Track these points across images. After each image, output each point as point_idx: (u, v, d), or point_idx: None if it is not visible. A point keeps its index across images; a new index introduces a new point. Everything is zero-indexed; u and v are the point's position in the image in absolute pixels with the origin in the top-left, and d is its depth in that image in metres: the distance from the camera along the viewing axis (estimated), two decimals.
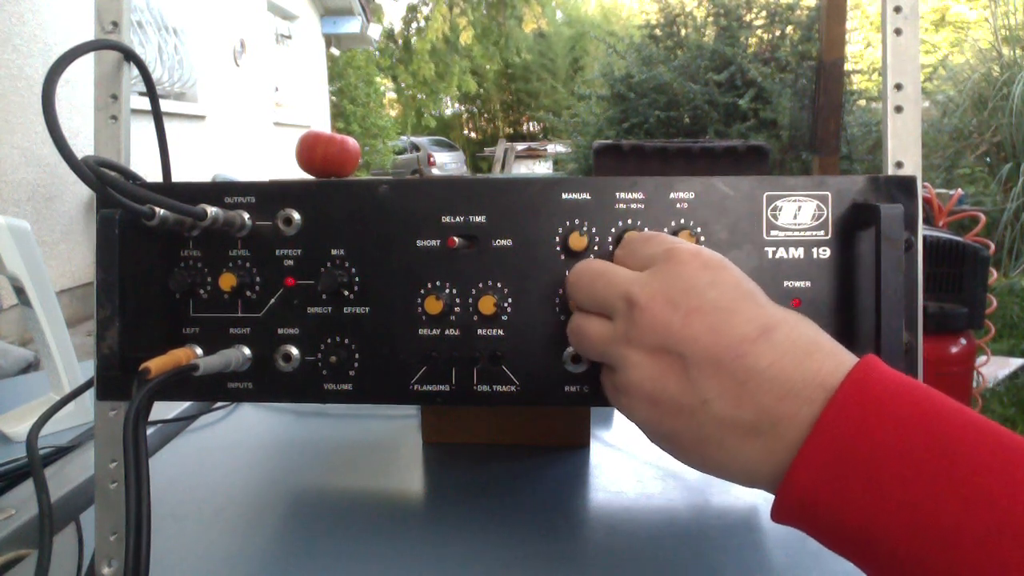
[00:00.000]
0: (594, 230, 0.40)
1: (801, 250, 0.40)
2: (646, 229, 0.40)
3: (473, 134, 21.78)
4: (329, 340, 0.41)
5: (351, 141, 0.70)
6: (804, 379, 0.29)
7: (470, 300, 0.40)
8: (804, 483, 0.28)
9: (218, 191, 0.41)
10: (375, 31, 10.82)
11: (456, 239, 0.40)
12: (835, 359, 0.30)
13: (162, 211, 0.37)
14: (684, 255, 0.33)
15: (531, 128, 20.90)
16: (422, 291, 0.41)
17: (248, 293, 0.41)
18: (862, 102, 6.50)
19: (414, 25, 17.76)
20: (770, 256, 0.40)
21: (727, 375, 0.30)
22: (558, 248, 0.40)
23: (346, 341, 0.41)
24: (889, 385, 0.28)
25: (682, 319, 0.31)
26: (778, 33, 6.97)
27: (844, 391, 0.28)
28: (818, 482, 0.27)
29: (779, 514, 0.30)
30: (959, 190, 1.76)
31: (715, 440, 0.31)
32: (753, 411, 0.30)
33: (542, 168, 13.19)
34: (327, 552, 0.47)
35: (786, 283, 0.40)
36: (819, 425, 0.28)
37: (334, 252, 0.41)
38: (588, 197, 0.40)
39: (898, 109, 0.41)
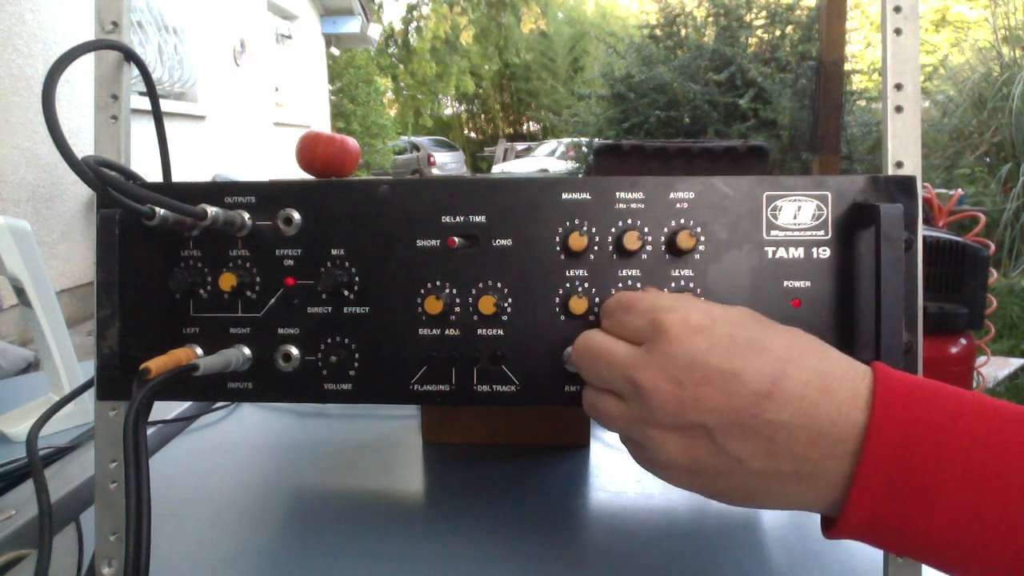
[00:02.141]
0: (594, 230, 0.40)
1: (801, 250, 0.40)
2: (646, 229, 0.40)
3: (473, 134, 21.77)
4: (329, 340, 0.41)
5: (351, 141, 0.70)
6: (829, 418, 0.30)
7: (470, 300, 0.40)
8: (863, 513, 0.29)
9: (218, 191, 0.41)
10: (375, 31, 10.81)
11: (456, 239, 0.40)
12: (850, 386, 0.30)
13: (162, 211, 0.37)
14: (673, 329, 0.32)
15: (531, 128, 20.90)
16: (422, 291, 0.41)
17: (248, 293, 0.41)
18: (862, 102, 6.51)
19: (413, 25, 17.76)
20: (770, 256, 0.40)
21: (753, 434, 0.31)
22: (558, 248, 0.40)
23: (346, 341, 0.41)
24: (909, 397, 0.29)
25: (692, 395, 0.31)
26: (778, 33, 6.97)
27: (875, 420, 0.29)
28: (877, 508, 0.29)
29: (838, 536, 0.31)
30: (959, 190, 1.76)
31: (762, 490, 0.32)
32: (790, 461, 0.30)
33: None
34: (327, 552, 0.47)
35: (786, 283, 0.40)
36: (864, 458, 0.28)
37: (334, 252, 0.41)
38: (588, 197, 0.40)
39: (898, 109, 0.41)
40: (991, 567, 0.28)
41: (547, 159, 12.40)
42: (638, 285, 0.40)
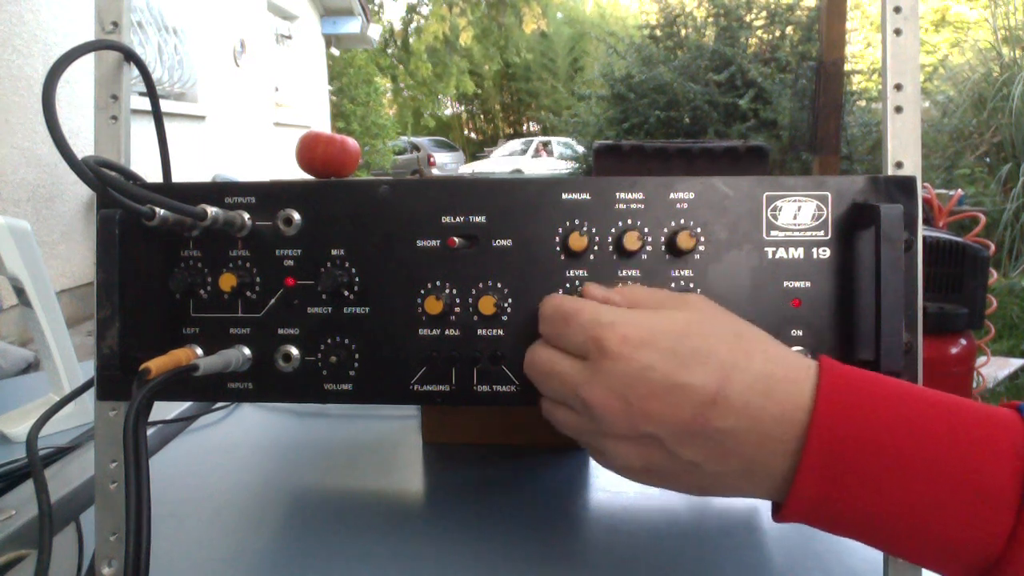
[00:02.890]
0: (594, 230, 0.40)
1: (801, 250, 0.40)
2: (646, 229, 0.40)
3: (473, 134, 21.78)
4: (329, 340, 0.41)
5: (351, 141, 0.70)
6: (773, 419, 0.31)
7: (470, 300, 0.40)
8: (804, 503, 0.31)
9: (218, 191, 0.41)
10: (375, 31, 10.81)
11: (456, 239, 0.40)
12: (793, 387, 0.32)
13: (162, 211, 0.37)
14: (613, 348, 0.33)
15: (531, 128, 20.90)
16: (422, 291, 0.41)
17: (248, 293, 0.41)
18: (862, 102, 6.51)
19: (413, 25, 17.76)
20: (770, 256, 0.40)
21: (704, 441, 0.32)
22: (558, 248, 0.40)
23: (346, 341, 0.41)
24: (848, 394, 0.31)
25: (639, 409, 0.32)
26: (778, 33, 6.97)
27: (815, 420, 0.31)
28: (816, 499, 0.31)
29: (782, 520, 0.33)
30: (959, 190, 1.76)
31: (716, 486, 0.34)
32: (740, 461, 0.32)
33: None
34: (327, 552, 0.47)
35: (786, 283, 0.40)
36: (805, 456, 0.31)
37: (334, 252, 0.41)
38: (588, 197, 0.40)
39: (898, 109, 0.41)
40: (917, 546, 0.30)
41: (512, 159, 12.35)
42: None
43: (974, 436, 0.29)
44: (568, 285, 0.40)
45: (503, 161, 12.49)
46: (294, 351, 0.41)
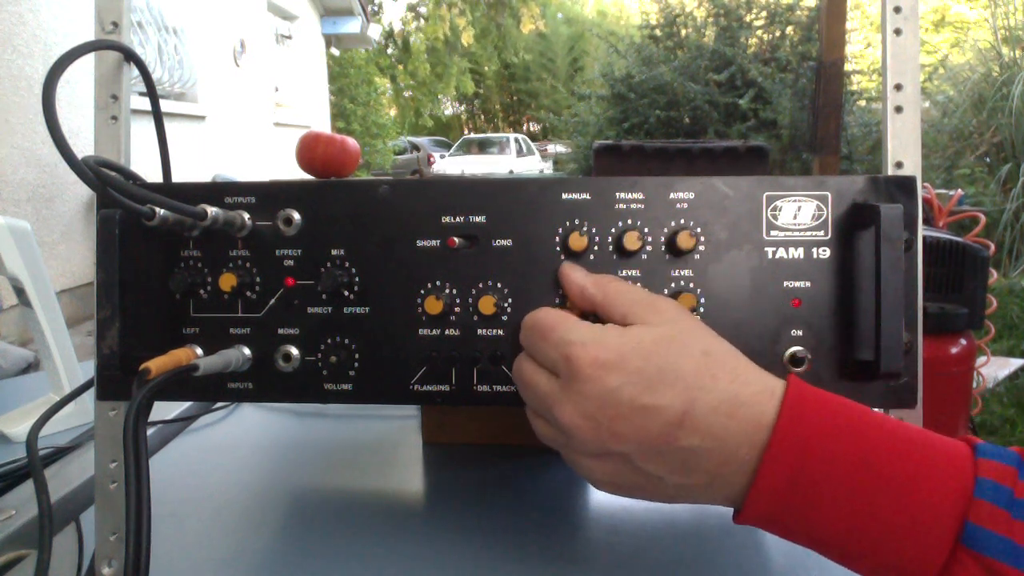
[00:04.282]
0: (594, 230, 0.40)
1: (801, 250, 0.40)
2: (646, 229, 0.40)
3: (473, 134, 21.78)
4: (329, 340, 0.41)
5: (351, 141, 0.70)
6: (737, 441, 0.33)
7: (470, 300, 0.40)
8: (758, 513, 0.33)
9: (218, 191, 0.41)
10: (375, 31, 10.81)
11: (456, 239, 0.40)
12: (757, 409, 0.33)
13: (162, 211, 0.37)
14: (584, 370, 0.34)
15: (531, 128, 20.91)
16: (422, 291, 0.41)
17: (248, 293, 0.41)
18: (862, 102, 6.51)
19: (413, 25, 17.76)
20: (770, 256, 0.40)
21: (669, 458, 0.34)
22: (558, 248, 0.40)
23: (346, 341, 0.41)
24: (809, 419, 0.32)
25: (608, 431, 0.33)
26: (778, 33, 6.97)
27: (773, 443, 0.32)
28: (770, 511, 0.33)
29: (741, 523, 0.35)
30: (959, 190, 1.76)
31: (680, 496, 0.36)
32: (703, 477, 0.34)
33: (527, 161, 13.16)
34: (327, 552, 0.47)
35: (786, 283, 0.40)
36: (760, 475, 0.32)
37: (334, 252, 0.41)
38: (588, 197, 0.40)
39: (898, 109, 0.41)
40: (861, 564, 0.32)
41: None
42: (638, 285, 0.40)
43: (926, 469, 0.31)
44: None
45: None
46: (294, 351, 0.41)
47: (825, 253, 0.40)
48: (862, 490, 0.31)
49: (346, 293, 0.41)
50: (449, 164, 12.61)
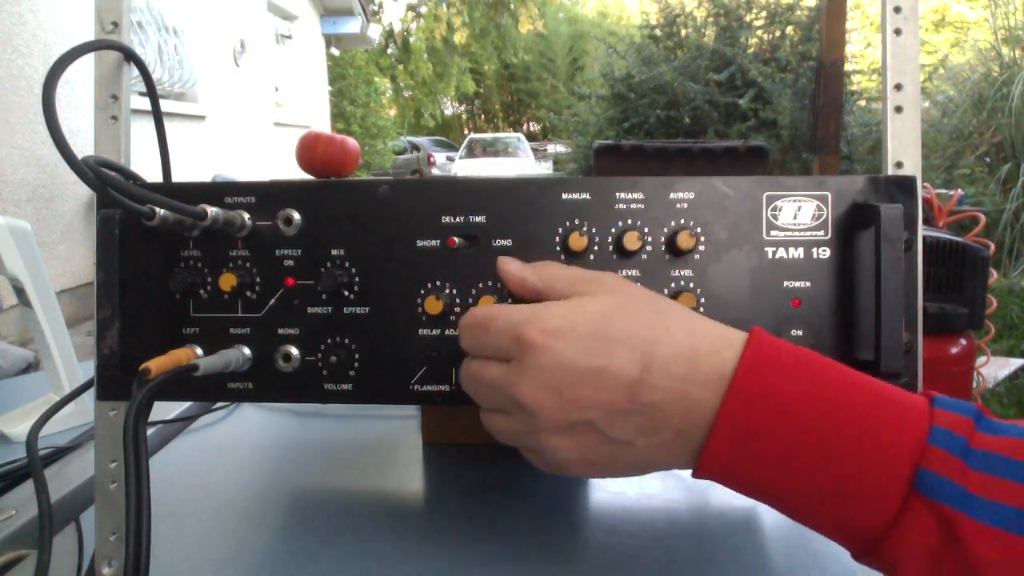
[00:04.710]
0: (594, 230, 0.40)
1: (801, 250, 0.40)
2: (646, 229, 0.40)
3: (473, 134, 21.78)
4: (329, 340, 0.41)
5: (351, 141, 0.70)
6: (700, 392, 0.32)
7: (470, 300, 0.40)
8: (714, 468, 0.33)
9: (218, 191, 0.41)
10: (375, 31, 10.81)
11: (456, 239, 0.40)
12: (716, 360, 0.32)
13: (162, 211, 0.37)
14: (535, 340, 0.33)
15: (531, 128, 20.91)
16: (422, 291, 0.41)
17: (248, 293, 0.41)
18: (862, 102, 6.51)
19: (413, 25, 17.76)
20: (770, 256, 0.40)
21: (635, 419, 0.33)
22: (558, 248, 0.40)
23: (346, 341, 0.41)
24: (768, 370, 0.32)
25: (569, 397, 0.33)
26: (778, 33, 6.97)
27: (729, 395, 0.31)
28: (726, 459, 0.32)
29: (697, 476, 0.34)
30: (959, 190, 1.76)
31: (652, 461, 0.35)
32: (670, 433, 0.33)
33: (542, 168, 13.14)
34: (327, 552, 0.47)
35: (786, 283, 0.40)
36: (719, 421, 0.32)
37: (334, 252, 0.41)
38: (588, 197, 0.40)
39: (898, 109, 0.41)
40: (814, 516, 0.32)
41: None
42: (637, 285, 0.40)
43: (881, 419, 0.30)
44: None
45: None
46: (294, 351, 0.41)
47: (825, 253, 0.40)
48: (820, 438, 0.30)
49: (346, 293, 0.41)
50: (462, 168, 12.53)
